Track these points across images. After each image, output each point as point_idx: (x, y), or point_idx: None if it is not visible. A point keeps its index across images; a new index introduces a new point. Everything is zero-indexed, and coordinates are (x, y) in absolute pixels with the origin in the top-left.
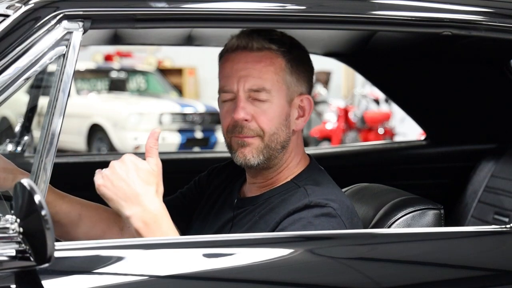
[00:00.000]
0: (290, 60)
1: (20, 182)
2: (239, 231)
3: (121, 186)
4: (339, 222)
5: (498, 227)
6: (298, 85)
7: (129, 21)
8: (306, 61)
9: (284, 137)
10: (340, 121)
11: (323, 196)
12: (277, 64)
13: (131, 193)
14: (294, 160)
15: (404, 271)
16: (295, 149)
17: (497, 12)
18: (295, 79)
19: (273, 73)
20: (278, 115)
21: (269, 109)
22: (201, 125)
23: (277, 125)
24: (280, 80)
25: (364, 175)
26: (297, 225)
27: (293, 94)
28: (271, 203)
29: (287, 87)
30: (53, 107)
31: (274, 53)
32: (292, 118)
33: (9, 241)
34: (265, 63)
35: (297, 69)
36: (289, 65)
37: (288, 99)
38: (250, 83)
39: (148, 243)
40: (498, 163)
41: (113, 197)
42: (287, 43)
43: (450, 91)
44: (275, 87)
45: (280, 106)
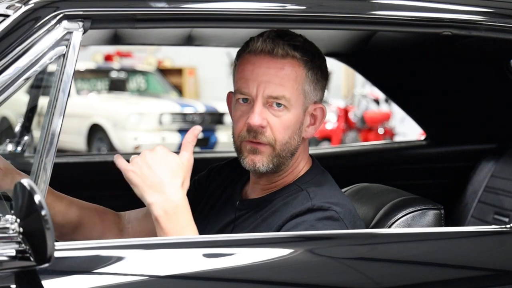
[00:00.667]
0: (311, 69)
1: (20, 182)
2: (240, 233)
3: (148, 173)
4: (342, 225)
5: (498, 227)
6: (314, 94)
7: (129, 21)
8: (324, 70)
9: (295, 145)
10: (340, 121)
11: (326, 200)
12: (299, 73)
13: (157, 181)
14: (300, 164)
15: (404, 271)
16: (301, 154)
17: (497, 12)
18: (312, 88)
19: (294, 81)
20: (293, 124)
21: (285, 117)
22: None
23: (290, 134)
24: (300, 89)
25: (364, 175)
26: (299, 228)
27: (309, 103)
28: (273, 206)
29: (305, 96)
30: (53, 107)
31: (297, 62)
32: (304, 126)
33: (9, 241)
34: (287, 71)
35: (315, 78)
36: (309, 74)
37: (304, 108)
38: (271, 89)
39: (148, 243)
40: (498, 163)
41: (139, 183)
42: (309, 52)
43: (450, 91)
44: (294, 95)
45: (296, 115)
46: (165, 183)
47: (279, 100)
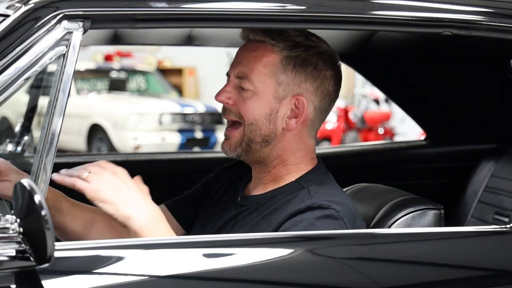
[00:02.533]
0: (287, 58)
1: (20, 182)
2: (241, 229)
3: (120, 190)
4: (341, 224)
5: (498, 227)
6: (294, 85)
7: (129, 21)
8: (312, 65)
9: (266, 131)
10: (340, 121)
11: (326, 198)
12: (269, 57)
13: (131, 196)
14: (294, 160)
15: (404, 271)
16: (294, 149)
17: (497, 12)
18: (291, 79)
19: (261, 65)
20: (258, 107)
21: (250, 99)
22: (201, 125)
23: (257, 117)
24: (268, 73)
25: (364, 175)
26: (299, 226)
27: (286, 93)
28: (274, 203)
29: (278, 83)
30: (53, 107)
31: (270, 47)
32: (280, 115)
33: (9, 241)
34: (257, 53)
35: (295, 69)
36: (284, 62)
37: (278, 96)
38: (238, 69)
39: (148, 243)
40: (498, 163)
41: (113, 199)
42: (291, 41)
43: (450, 91)
44: (260, 78)
45: (263, 99)
46: (139, 197)
47: (243, 80)
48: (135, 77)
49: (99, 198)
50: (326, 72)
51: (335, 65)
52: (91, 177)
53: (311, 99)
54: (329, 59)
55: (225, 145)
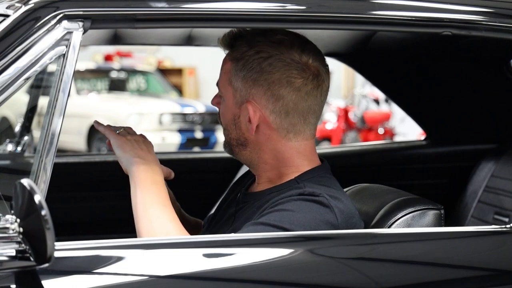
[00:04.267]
0: (237, 66)
1: (20, 182)
2: (239, 224)
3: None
4: (330, 212)
5: (498, 227)
6: (245, 91)
7: (129, 21)
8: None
9: (235, 135)
10: (340, 121)
11: (319, 190)
12: (226, 65)
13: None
14: (282, 163)
15: (404, 271)
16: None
17: (497, 12)
18: (242, 84)
19: (223, 72)
20: (225, 112)
21: (221, 104)
22: (201, 125)
23: (226, 122)
24: (227, 80)
25: (364, 175)
26: (286, 204)
27: (242, 98)
28: (271, 198)
29: (234, 89)
30: (53, 107)
31: (228, 56)
32: (243, 120)
33: (9, 241)
34: (222, 62)
35: (243, 74)
36: (235, 70)
37: (237, 101)
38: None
39: (148, 243)
40: (498, 163)
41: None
42: (244, 47)
43: (450, 91)
44: (223, 85)
45: (227, 106)
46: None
47: (218, 88)
48: (135, 77)
49: (119, 145)
50: (272, 75)
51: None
52: (123, 132)
53: (263, 104)
54: (277, 63)
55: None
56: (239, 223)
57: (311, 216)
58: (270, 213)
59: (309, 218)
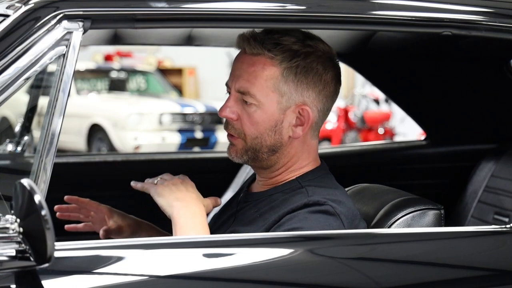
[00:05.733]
0: (288, 69)
1: (20, 182)
2: (240, 226)
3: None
4: (337, 220)
5: (498, 227)
6: (297, 95)
7: (129, 21)
8: (313, 71)
9: (272, 142)
10: (340, 121)
11: (323, 196)
12: (270, 71)
13: (182, 192)
14: (299, 163)
15: (404, 271)
16: (299, 154)
17: (497, 12)
18: (293, 88)
19: (262, 79)
20: (263, 120)
21: (254, 113)
22: (201, 125)
23: (262, 130)
24: (271, 87)
25: (364, 175)
26: (294, 220)
27: (290, 103)
28: (273, 201)
29: (281, 95)
30: (53, 107)
31: (269, 60)
32: (285, 125)
33: (9, 241)
34: (256, 68)
35: (296, 78)
36: (285, 74)
37: (281, 107)
38: (239, 84)
39: (148, 243)
40: (498, 163)
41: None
42: (289, 51)
43: (450, 91)
44: (263, 93)
45: (267, 113)
46: (191, 198)
47: (245, 96)
48: (135, 77)
49: (158, 192)
50: (327, 76)
51: (334, 65)
52: (160, 181)
53: (314, 105)
54: (328, 61)
55: (231, 151)
56: (240, 224)
57: (321, 229)
58: None
59: None
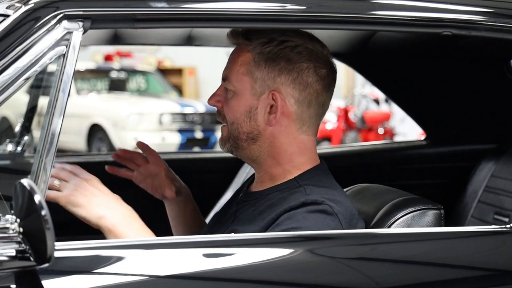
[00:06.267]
0: (259, 54)
1: (20, 182)
2: (239, 225)
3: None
4: (335, 219)
5: (498, 227)
6: (270, 81)
7: (129, 21)
8: (284, 58)
9: (248, 129)
10: (340, 121)
11: (321, 195)
12: (244, 57)
13: (102, 199)
14: (289, 158)
15: (404, 271)
16: (285, 146)
17: (497, 12)
18: (265, 74)
19: (237, 65)
20: (237, 105)
21: (231, 99)
22: (201, 125)
23: (237, 116)
24: (244, 72)
25: (364, 175)
26: (292, 219)
27: (263, 88)
28: (270, 199)
29: (254, 80)
30: (53, 107)
31: (244, 47)
32: (260, 111)
33: (9, 241)
34: (234, 56)
35: (267, 64)
36: (257, 59)
37: (255, 92)
38: (223, 72)
39: (148, 243)
40: (498, 163)
41: (85, 203)
42: (264, 38)
43: (450, 91)
44: (237, 78)
45: (242, 98)
46: (110, 199)
47: (226, 82)
48: (135, 77)
49: (72, 202)
50: (302, 64)
51: (311, 57)
52: (63, 185)
53: (288, 93)
54: (306, 52)
55: (219, 141)
56: (239, 223)
57: (319, 229)
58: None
59: None
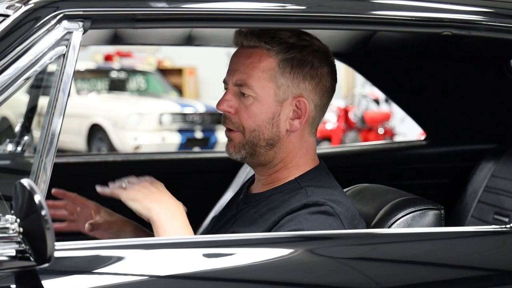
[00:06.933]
0: (284, 61)
1: (20, 182)
2: (240, 227)
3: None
4: (336, 220)
5: (498, 227)
6: (293, 87)
7: (129, 21)
8: (309, 64)
9: (269, 135)
10: (340, 121)
11: (323, 196)
12: (266, 62)
13: (156, 193)
14: (296, 160)
15: (404, 271)
16: (296, 150)
17: (497, 12)
18: (290, 80)
19: (259, 70)
20: (260, 112)
21: (252, 105)
22: (201, 125)
23: (259, 123)
24: (267, 78)
25: (364, 175)
26: (293, 221)
27: (287, 95)
28: (272, 201)
29: (277, 86)
30: (53, 107)
31: (266, 52)
32: (283, 118)
33: (9, 241)
34: (253, 59)
35: (292, 70)
36: (282, 65)
37: (278, 99)
38: (237, 76)
39: (148, 243)
40: (498, 163)
41: (140, 197)
42: (285, 43)
43: (450, 91)
44: (260, 84)
45: (264, 104)
46: (164, 196)
47: (242, 88)
48: (135, 77)
49: (131, 197)
50: (323, 69)
51: (329, 60)
52: (129, 185)
53: (311, 98)
54: (324, 56)
55: (229, 147)
56: (240, 225)
57: (321, 230)
58: None
59: None
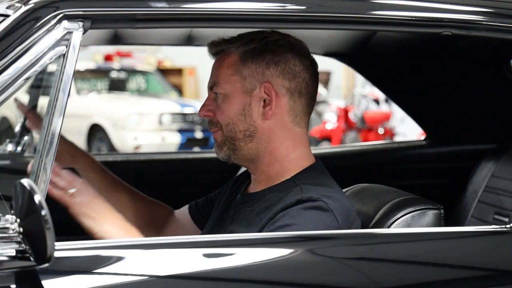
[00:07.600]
0: (244, 53)
1: (20, 182)
2: (237, 226)
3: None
4: (330, 216)
5: (498, 227)
6: (259, 75)
7: (129, 21)
8: (270, 51)
9: (245, 126)
10: (340, 121)
11: (317, 192)
12: (229, 59)
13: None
14: (283, 151)
15: (404, 271)
16: (280, 139)
17: (497, 12)
18: (253, 69)
19: (224, 68)
20: (230, 105)
21: (223, 102)
22: (201, 125)
23: (232, 115)
24: (232, 73)
25: (364, 175)
26: (287, 216)
27: (254, 84)
28: (267, 200)
29: (243, 78)
30: (53, 107)
31: (227, 51)
32: (255, 107)
33: (9, 241)
34: (219, 61)
35: (254, 60)
36: (243, 57)
37: (246, 90)
38: (210, 81)
39: (148, 243)
40: (498, 163)
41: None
42: (245, 38)
43: (450, 91)
44: (226, 79)
45: (234, 97)
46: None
47: (214, 89)
48: (135, 77)
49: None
50: (287, 55)
51: (295, 49)
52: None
53: (279, 83)
54: (287, 44)
55: (215, 148)
56: (237, 224)
57: (314, 225)
58: (273, 231)
59: (313, 228)
